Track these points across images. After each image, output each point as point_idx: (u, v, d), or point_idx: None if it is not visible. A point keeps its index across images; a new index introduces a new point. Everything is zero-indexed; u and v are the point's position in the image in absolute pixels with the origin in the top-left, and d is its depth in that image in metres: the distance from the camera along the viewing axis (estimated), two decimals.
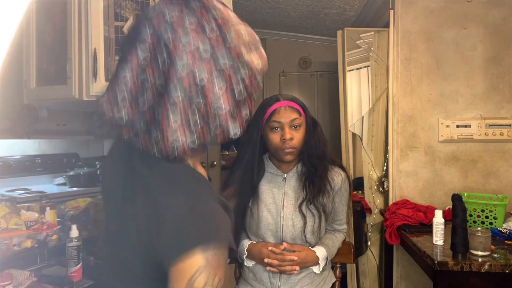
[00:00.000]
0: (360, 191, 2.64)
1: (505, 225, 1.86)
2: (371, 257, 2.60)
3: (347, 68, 2.55)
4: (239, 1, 2.78)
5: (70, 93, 1.47)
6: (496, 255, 1.59)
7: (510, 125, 2.31)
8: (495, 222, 1.88)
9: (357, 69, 2.56)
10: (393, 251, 2.42)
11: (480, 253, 1.58)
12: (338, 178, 1.46)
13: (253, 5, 2.91)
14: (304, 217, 1.39)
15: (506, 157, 2.34)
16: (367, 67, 2.52)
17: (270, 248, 1.36)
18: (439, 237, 1.74)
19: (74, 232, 1.41)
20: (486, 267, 1.53)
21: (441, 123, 2.36)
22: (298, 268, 1.36)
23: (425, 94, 2.38)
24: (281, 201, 1.41)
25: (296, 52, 3.86)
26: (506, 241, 1.77)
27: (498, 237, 1.81)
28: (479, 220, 1.91)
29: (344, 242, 1.57)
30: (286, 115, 1.36)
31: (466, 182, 2.36)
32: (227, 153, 3.91)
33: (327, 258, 1.44)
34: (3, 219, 1.40)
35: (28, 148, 1.87)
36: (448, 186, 2.37)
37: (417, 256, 1.83)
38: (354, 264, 2.60)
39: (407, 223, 2.10)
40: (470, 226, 1.84)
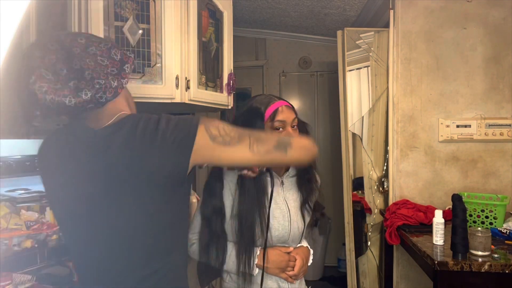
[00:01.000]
0: (360, 191, 2.64)
1: (505, 225, 1.86)
2: (371, 257, 2.60)
3: (347, 68, 2.55)
4: (239, 1, 2.78)
5: None
6: (496, 255, 1.59)
7: (510, 125, 2.31)
8: (495, 222, 1.88)
9: (357, 69, 2.56)
10: (393, 251, 2.42)
11: (480, 253, 1.58)
12: (318, 178, 1.47)
13: (253, 5, 2.91)
14: (303, 218, 1.39)
15: (506, 157, 2.34)
16: (367, 67, 2.52)
17: (290, 253, 1.34)
18: (439, 237, 1.74)
19: None
20: (486, 267, 1.53)
21: (441, 123, 2.36)
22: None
23: (425, 94, 2.38)
24: (285, 206, 1.38)
25: (296, 52, 3.86)
26: (506, 241, 1.77)
27: (498, 237, 1.81)
28: (479, 220, 1.91)
29: None
30: (288, 114, 1.32)
31: (466, 182, 2.37)
32: None
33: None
34: (3, 219, 1.41)
35: (28, 148, 1.87)
36: (448, 186, 2.37)
37: (417, 256, 1.83)
38: (354, 264, 2.60)
39: (407, 223, 2.10)
40: (470, 226, 1.84)
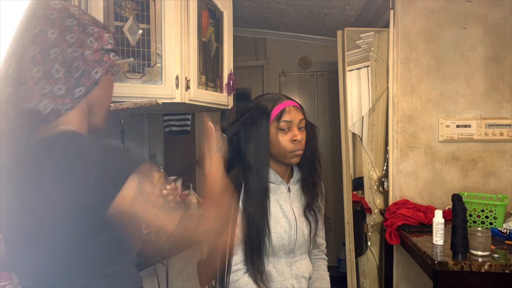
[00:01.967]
0: (360, 191, 2.64)
1: (505, 225, 1.86)
2: (371, 257, 2.60)
3: (347, 68, 2.55)
4: (239, 1, 2.78)
5: None
6: (496, 255, 1.59)
7: (510, 125, 2.31)
8: (495, 222, 1.88)
9: (357, 69, 2.56)
10: (393, 251, 2.42)
11: (480, 253, 1.58)
12: (322, 184, 1.42)
13: (253, 5, 2.91)
14: (309, 222, 1.34)
15: (506, 157, 2.34)
16: (367, 67, 2.52)
17: None
18: (439, 237, 1.74)
19: None
20: (486, 267, 1.53)
21: (441, 123, 2.36)
22: None
23: (425, 94, 2.38)
24: (291, 214, 1.31)
25: (296, 52, 3.86)
26: (506, 241, 1.77)
27: (498, 237, 1.81)
28: (479, 220, 1.91)
29: None
30: (295, 115, 1.26)
31: (466, 182, 2.37)
32: None
33: None
34: None
35: None
36: (448, 186, 2.37)
37: (417, 256, 1.83)
38: (354, 264, 2.60)
39: (407, 223, 2.10)
40: (470, 226, 1.84)
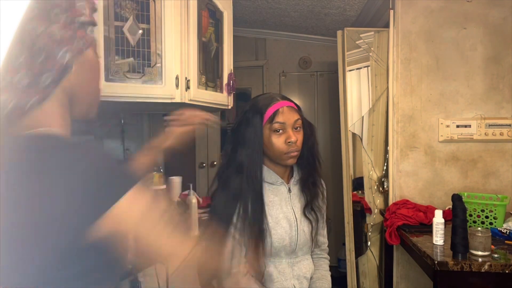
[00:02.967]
0: (360, 191, 2.64)
1: (505, 225, 1.86)
2: (371, 257, 2.60)
3: (347, 68, 2.55)
4: (239, 1, 2.78)
5: None
6: (496, 255, 1.59)
7: (510, 125, 2.31)
8: (495, 222, 1.88)
9: (357, 69, 2.56)
10: (393, 251, 2.42)
11: (480, 253, 1.58)
12: (323, 183, 1.42)
13: (253, 5, 2.91)
14: (310, 222, 1.34)
15: (506, 157, 2.34)
16: (367, 67, 2.52)
17: None
18: (439, 237, 1.74)
19: None
20: (486, 267, 1.53)
21: (441, 123, 2.36)
22: None
23: (425, 94, 2.38)
24: (292, 215, 1.30)
25: (296, 52, 3.86)
26: (506, 241, 1.77)
27: (498, 237, 1.81)
28: (479, 220, 1.91)
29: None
30: (289, 116, 1.25)
31: (466, 182, 2.37)
32: None
33: None
34: None
35: None
36: (448, 186, 2.37)
37: (417, 256, 1.83)
38: (354, 264, 2.60)
39: (407, 223, 2.10)
40: (470, 226, 1.84)
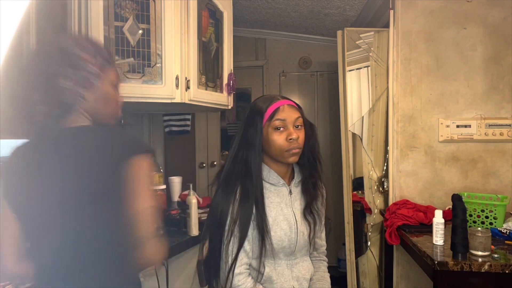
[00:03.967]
0: (360, 191, 2.64)
1: (505, 225, 1.86)
2: (371, 257, 2.60)
3: (347, 68, 2.55)
4: (239, 1, 2.78)
5: None
6: (496, 255, 1.59)
7: (510, 125, 2.31)
8: (495, 222, 1.88)
9: (357, 69, 2.56)
10: (393, 251, 2.42)
11: (480, 253, 1.58)
12: (323, 186, 1.40)
13: (253, 5, 2.91)
14: (309, 223, 1.33)
15: (506, 157, 2.34)
16: (367, 67, 2.52)
17: None
18: (439, 237, 1.74)
19: None
20: (486, 267, 1.53)
21: (441, 123, 2.36)
22: None
23: (425, 94, 2.38)
24: (292, 216, 1.30)
25: (296, 52, 3.86)
26: (506, 241, 1.77)
27: (498, 237, 1.81)
28: (479, 220, 1.91)
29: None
30: (290, 113, 1.25)
31: (466, 182, 2.37)
32: (227, 152, 3.91)
33: None
34: None
35: None
36: (448, 186, 2.37)
37: (417, 256, 1.83)
38: (354, 264, 2.60)
39: (407, 223, 2.10)
40: (470, 226, 1.84)
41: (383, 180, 2.53)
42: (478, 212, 1.90)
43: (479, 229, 1.62)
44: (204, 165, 3.51)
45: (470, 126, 2.34)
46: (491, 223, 1.88)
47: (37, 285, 1.02)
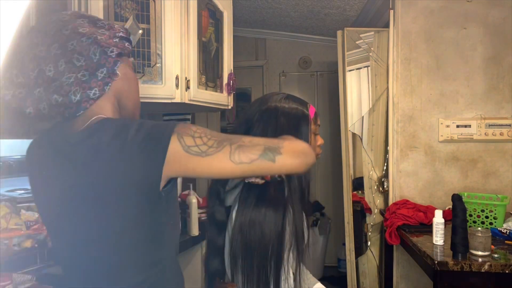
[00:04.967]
0: (360, 191, 2.65)
1: (505, 225, 1.86)
2: (371, 257, 2.60)
3: (347, 68, 2.55)
4: (239, 1, 2.78)
5: None
6: (496, 255, 1.59)
7: (510, 125, 2.31)
8: (495, 222, 1.88)
9: (357, 69, 2.56)
10: (393, 251, 2.42)
11: (480, 253, 1.58)
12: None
13: (253, 5, 2.91)
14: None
15: (506, 157, 2.34)
16: (367, 67, 2.52)
17: None
18: (439, 237, 1.74)
19: None
20: (486, 267, 1.53)
21: (441, 123, 2.36)
22: None
23: (425, 94, 2.38)
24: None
25: (296, 52, 3.86)
26: (506, 241, 1.77)
27: (498, 237, 1.81)
28: (479, 220, 1.91)
29: None
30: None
31: (466, 182, 2.37)
32: None
33: None
34: (3, 219, 1.41)
35: None
36: (448, 186, 2.37)
37: (417, 256, 1.83)
38: (354, 264, 2.60)
39: (407, 223, 2.10)
40: (470, 226, 1.84)
41: (383, 180, 2.53)
42: (478, 212, 1.90)
43: (479, 229, 1.62)
44: None
45: (470, 126, 2.34)
46: (491, 223, 1.88)
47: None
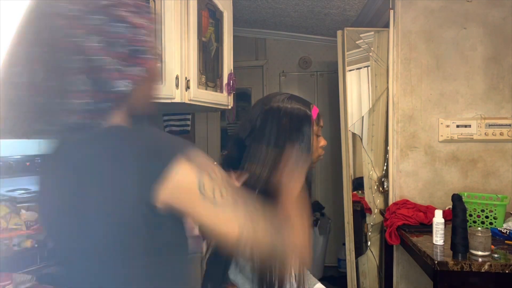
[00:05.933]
0: (360, 191, 2.64)
1: (505, 225, 1.86)
2: (371, 257, 2.60)
3: (347, 68, 2.55)
4: (239, 1, 2.78)
5: None
6: (496, 255, 1.59)
7: (510, 125, 2.31)
8: (495, 222, 1.88)
9: (357, 69, 2.56)
10: (393, 251, 2.42)
11: (480, 253, 1.58)
12: None
13: (253, 5, 2.91)
14: None
15: (506, 157, 2.34)
16: (367, 67, 2.52)
17: None
18: (439, 237, 1.74)
19: None
20: (486, 267, 1.53)
21: (441, 123, 2.36)
22: None
23: (425, 94, 2.38)
24: None
25: (296, 52, 3.86)
26: (506, 241, 1.77)
27: (498, 237, 1.81)
28: (479, 220, 1.91)
29: None
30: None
31: (466, 182, 2.36)
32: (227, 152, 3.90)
33: None
34: (3, 219, 1.41)
35: (28, 148, 1.87)
36: (448, 186, 2.37)
37: (417, 256, 1.83)
38: (354, 264, 2.60)
39: (407, 223, 2.10)
40: (470, 226, 1.84)
41: (383, 180, 2.53)
42: (478, 212, 1.90)
43: (479, 229, 1.62)
44: None
45: (470, 126, 2.33)
46: (491, 223, 1.88)
47: None
